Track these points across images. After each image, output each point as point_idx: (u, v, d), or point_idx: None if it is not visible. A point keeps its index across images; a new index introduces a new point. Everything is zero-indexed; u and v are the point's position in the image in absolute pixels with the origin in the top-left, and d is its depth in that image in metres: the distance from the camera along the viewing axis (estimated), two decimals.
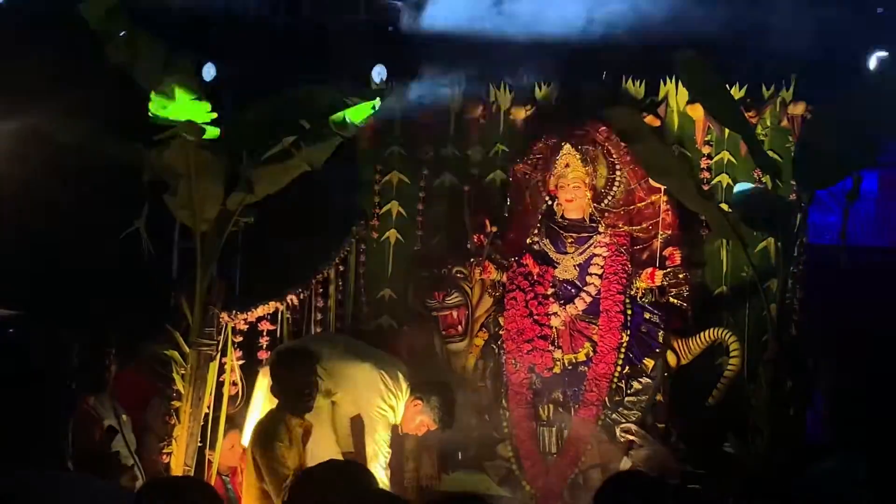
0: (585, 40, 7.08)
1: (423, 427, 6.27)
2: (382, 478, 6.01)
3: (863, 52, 6.76)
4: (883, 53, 6.38)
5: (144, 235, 5.38)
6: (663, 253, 6.56)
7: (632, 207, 6.71)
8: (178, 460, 5.54)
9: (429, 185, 7.32)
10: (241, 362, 6.19)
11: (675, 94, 6.87)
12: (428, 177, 7.32)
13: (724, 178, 6.78)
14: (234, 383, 6.07)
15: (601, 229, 6.69)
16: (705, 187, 6.59)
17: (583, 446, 6.34)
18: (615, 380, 6.39)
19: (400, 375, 6.25)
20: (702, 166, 6.80)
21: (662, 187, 6.46)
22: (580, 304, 6.58)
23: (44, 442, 2.81)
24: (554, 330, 6.57)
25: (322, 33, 8.06)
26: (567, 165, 6.63)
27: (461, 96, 7.28)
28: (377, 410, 6.12)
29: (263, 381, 6.26)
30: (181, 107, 5.30)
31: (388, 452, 6.16)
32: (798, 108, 6.59)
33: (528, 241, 6.80)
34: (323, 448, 5.94)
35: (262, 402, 6.24)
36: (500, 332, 6.66)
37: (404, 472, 6.45)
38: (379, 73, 7.27)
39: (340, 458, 5.89)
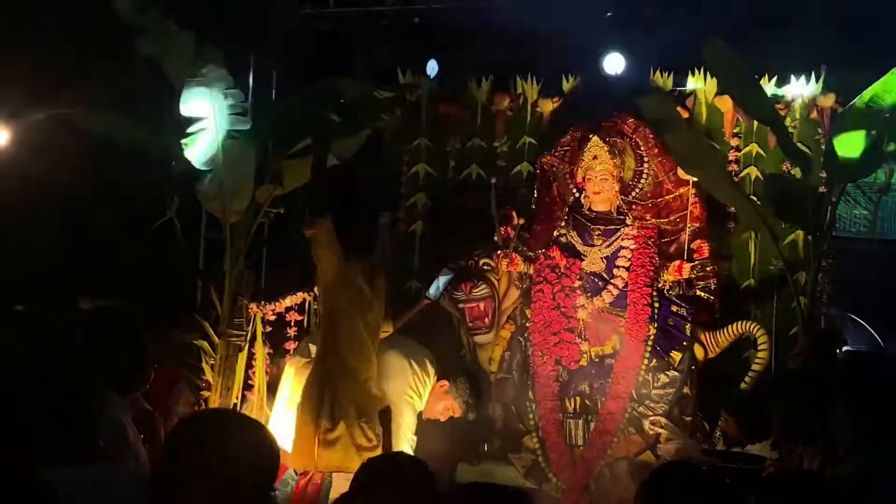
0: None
1: (448, 412, 6.30)
2: None
3: (892, 43, 6.71)
4: None
5: (178, 226, 5.42)
6: (691, 245, 6.55)
7: (659, 200, 6.69)
8: None
9: (455, 178, 7.33)
10: (269, 352, 6.23)
11: (704, 85, 6.85)
12: (455, 169, 7.34)
13: (753, 171, 6.77)
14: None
15: (629, 221, 6.67)
16: (734, 179, 6.57)
17: (609, 439, 6.32)
18: (642, 372, 6.37)
19: (427, 362, 6.30)
20: (730, 158, 6.79)
21: (690, 179, 6.45)
22: (607, 297, 6.56)
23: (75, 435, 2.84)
24: (581, 322, 6.55)
25: (349, 25, 8.07)
26: (595, 157, 6.61)
27: (488, 88, 7.29)
28: (405, 397, 6.17)
29: (290, 371, 6.29)
30: (211, 98, 5.33)
31: (414, 440, 6.19)
32: (828, 100, 6.57)
33: (556, 233, 6.79)
34: None
35: (288, 392, 6.27)
36: (527, 325, 6.65)
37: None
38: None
39: None
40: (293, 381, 6.28)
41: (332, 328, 5.90)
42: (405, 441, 6.17)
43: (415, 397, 6.23)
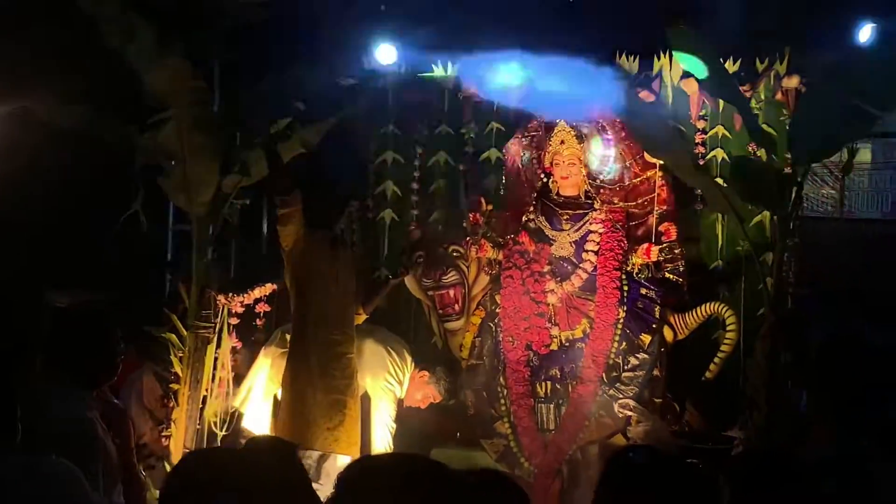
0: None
1: (428, 400, 6.37)
2: (387, 450, 6.12)
3: (855, 24, 6.74)
4: (873, 24, 6.35)
5: (143, 219, 5.38)
6: (659, 228, 6.56)
7: (627, 183, 6.71)
8: (178, 443, 5.55)
9: (423, 165, 7.33)
10: (237, 344, 6.21)
11: (669, 68, 6.87)
12: (423, 156, 7.33)
13: (719, 153, 6.80)
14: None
15: (597, 206, 6.69)
16: (700, 162, 6.59)
17: (581, 422, 6.35)
18: (612, 356, 6.39)
19: (404, 350, 6.34)
20: (696, 141, 6.81)
21: (657, 163, 6.46)
22: (576, 281, 6.58)
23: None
24: (551, 307, 6.57)
25: (316, 13, 8.02)
26: (562, 142, 6.64)
27: (455, 74, 7.28)
28: (384, 384, 6.20)
29: (266, 362, 6.29)
30: (175, 89, 5.29)
31: (394, 427, 6.24)
32: (792, 81, 6.59)
33: (524, 218, 6.80)
34: None
35: (264, 382, 6.27)
36: (497, 310, 6.66)
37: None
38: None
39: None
40: (270, 370, 6.28)
41: (304, 305, 5.93)
42: (385, 428, 6.22)
43: (395, 385, 6.28)
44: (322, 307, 5.90)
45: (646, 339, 6.41)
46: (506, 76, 7.01)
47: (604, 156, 6.66)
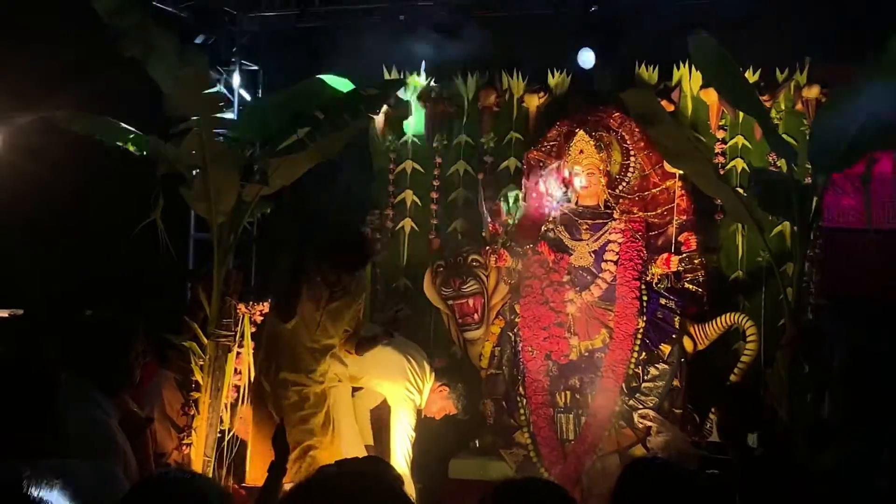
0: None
1: (443, 412, 6.37)
2: (406, 458, 6.13)
3: (875, 33, 6.71)
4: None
5: (161, 227, 5.40)
6: (678, 238, 6.56)
7: (646, 193, 6.71)
8: (199, 450, 5.56)
9: (443, 174, 7.34)
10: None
11: (689, 78, 6.87)
12: (442, 165, 7.34)
13: (739, 163, 6.79)
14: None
15: (616, 215, 6.69)
16: (720, 172, 6.58)
17: (600, 432, 6.34)
18: (632, 366, 6.39)
19: (423, 360, 6.34)
20: (716, 151, 6.80)
21: (677, 172, 6.46)
22: (596, 291, 6.57)
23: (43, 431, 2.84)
24: (570, 317, 6.57)
25: (336, 24, 8.07)
26: (581, 152, 6.63)
27: (474, 84, 7.29)
28: (405, 394, 6.21)
29: None
30: (196, 99, 5.31)
31: (413, 436, 6.24)
32: (812, 92, 6.58)
33: (543, 228, 6.80)
34: (348, 440, 6.03)
35: None
36: (517, 320, 6.67)
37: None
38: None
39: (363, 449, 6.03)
40: None
41: (274, 343, 6.00)
42: (405, 437, 6.24)
43: (414, 393, 6.29)
44: (292, 351, 5.95)
45: (665, 349, 6.41)
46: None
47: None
